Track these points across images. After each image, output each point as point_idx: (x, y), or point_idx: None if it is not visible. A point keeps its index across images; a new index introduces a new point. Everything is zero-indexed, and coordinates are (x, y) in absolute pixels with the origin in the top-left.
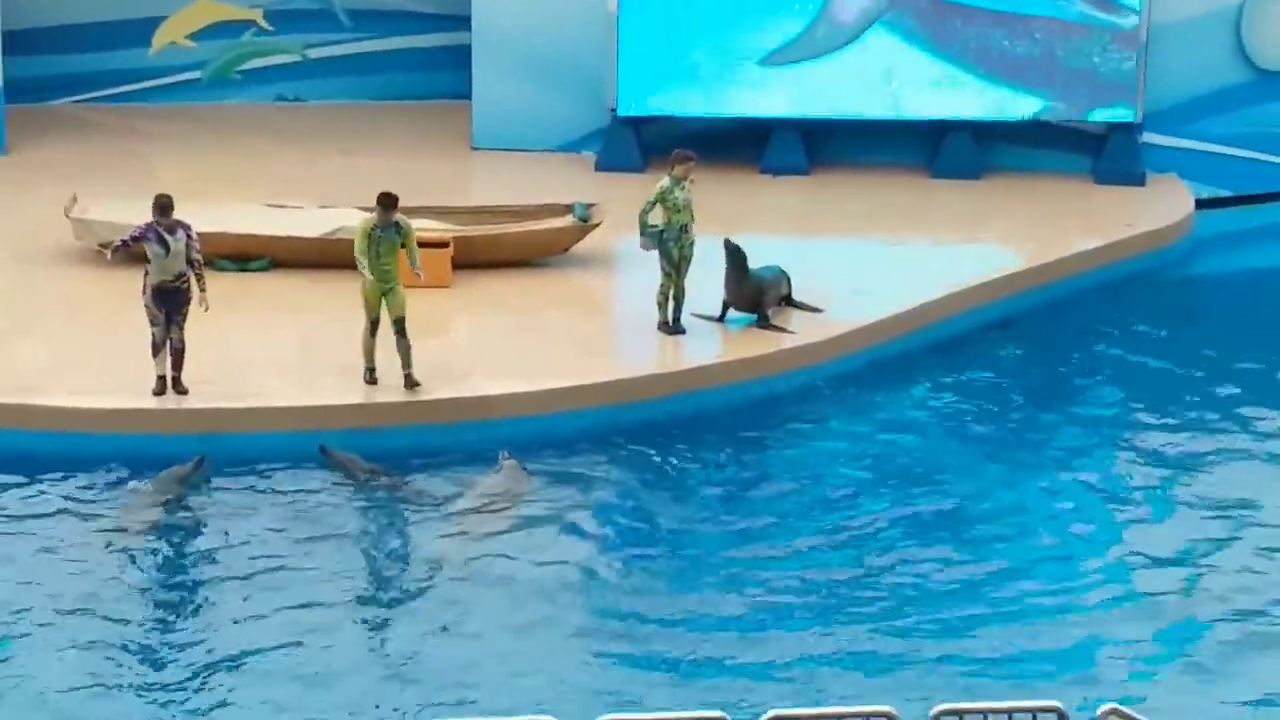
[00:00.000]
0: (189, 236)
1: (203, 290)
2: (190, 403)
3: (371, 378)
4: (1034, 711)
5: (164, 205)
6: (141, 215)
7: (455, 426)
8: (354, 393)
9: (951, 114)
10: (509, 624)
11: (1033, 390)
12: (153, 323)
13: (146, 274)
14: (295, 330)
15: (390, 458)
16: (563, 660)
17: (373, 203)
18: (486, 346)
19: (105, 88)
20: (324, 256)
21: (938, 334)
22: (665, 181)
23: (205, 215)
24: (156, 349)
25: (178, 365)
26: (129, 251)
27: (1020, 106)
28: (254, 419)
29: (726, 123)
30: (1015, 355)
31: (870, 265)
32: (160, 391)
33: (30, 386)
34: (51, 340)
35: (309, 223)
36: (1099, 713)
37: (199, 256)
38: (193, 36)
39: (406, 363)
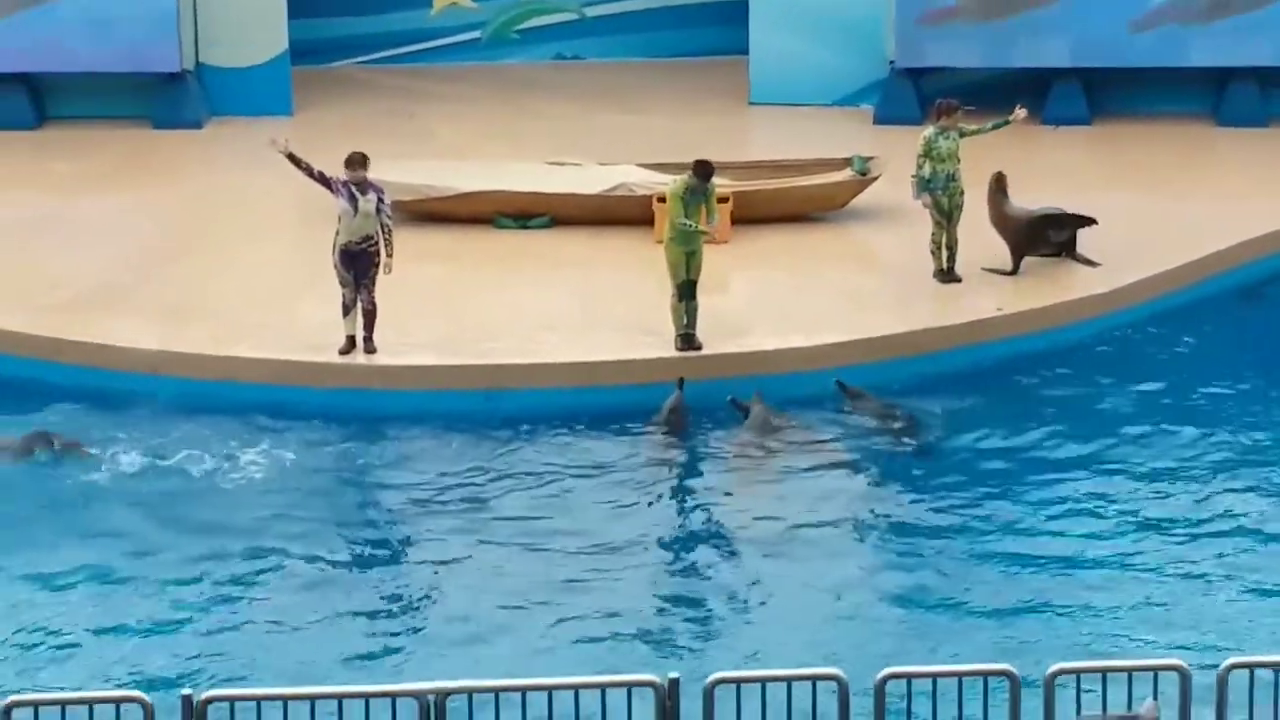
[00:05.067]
0: (380, 199)
1: (389, 255)
2: (474, 359)
3: (687, 344)
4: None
5: (355, 162)
6: (425, 175)
7: (733, 381)
8: (632, 348)
9: (1237, 60)
10: (780, 579)
11: None
12: (342, 284)
13: (336, 234)
14: (576, 287)
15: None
16: (840, 614)
17: (651, 158)
18: (764, 302)
19: (386, 49)
20: (604, 213)
21: (1225, 284)
22: (929, 131)
23: (486, 174)
24: (346, 309)
25: (369, 326)
26: (302, 172)
27: None
28: (535, 374)
29: (1006, 73)
30: None
31: (1153, 217)
32: (347, 351)
33: (322, 344)
34: (338, 300)
35: (589, 180)
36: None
37: (389, 221)
38: None
39: (692, 323)
